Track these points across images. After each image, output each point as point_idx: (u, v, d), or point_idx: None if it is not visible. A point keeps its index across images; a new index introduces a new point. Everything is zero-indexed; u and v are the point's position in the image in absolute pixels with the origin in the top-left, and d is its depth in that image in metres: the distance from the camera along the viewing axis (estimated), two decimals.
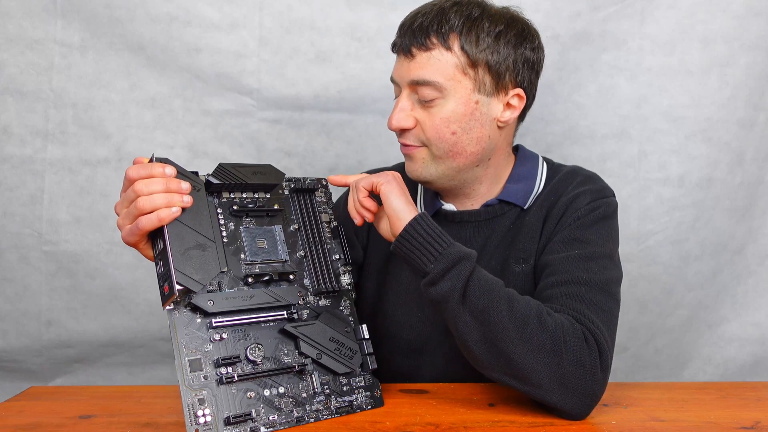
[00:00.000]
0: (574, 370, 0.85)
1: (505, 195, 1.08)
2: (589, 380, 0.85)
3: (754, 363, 1.65)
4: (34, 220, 1.51)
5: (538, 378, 0.85)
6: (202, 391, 0.80)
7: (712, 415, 0.89)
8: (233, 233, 0.89)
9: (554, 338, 0.85)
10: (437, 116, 0.99)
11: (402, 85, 1.01)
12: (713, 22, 1.52)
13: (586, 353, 0.86)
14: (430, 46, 0.98)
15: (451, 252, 0.88)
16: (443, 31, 0.97)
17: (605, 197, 1.05)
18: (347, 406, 0.89)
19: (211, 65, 1.50)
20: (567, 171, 1.11)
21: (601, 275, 0.96)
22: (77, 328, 1.55)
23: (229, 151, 1.54)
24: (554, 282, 0.96)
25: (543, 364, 0.84)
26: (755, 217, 1.61)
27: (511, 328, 0.85)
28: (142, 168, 0.82)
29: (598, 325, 0.89)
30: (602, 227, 1.02)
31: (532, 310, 0.87)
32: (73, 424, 0.88)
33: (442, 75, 0.98)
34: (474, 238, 1.09)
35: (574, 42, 1.53)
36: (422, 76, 0.98)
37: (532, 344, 0.84)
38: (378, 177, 0.94)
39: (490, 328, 0.85)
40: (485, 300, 0.86)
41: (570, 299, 0.92)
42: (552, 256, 1.00)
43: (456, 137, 1.00)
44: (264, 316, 0.87)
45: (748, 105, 1.54)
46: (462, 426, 0.83)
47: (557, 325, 0.86)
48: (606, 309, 0.93)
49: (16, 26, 1.46)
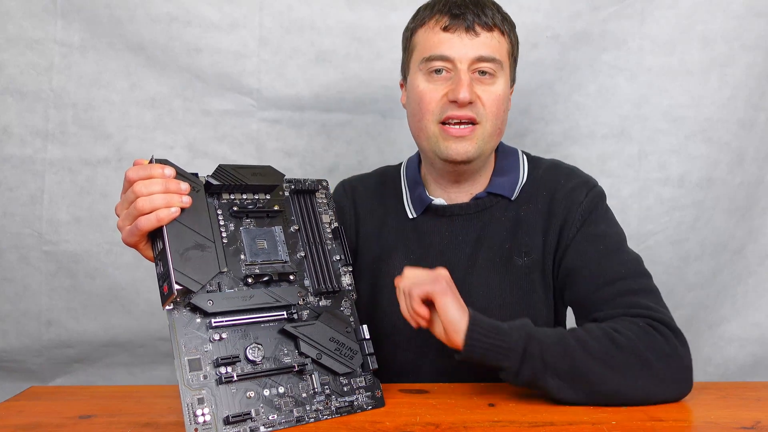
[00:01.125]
0: (664, 365, 0.90)
1: (493, 188, 1.13)
2: (678, 363, 0.91)
3: (754, 363, 1.64)
4: (34, 220, 1.51)
5: (641, 393, 0.90)
6: (202, 391, 0.80)
7: (712, 415, 0.89)
8: (233, 234, 0.89)
9: (634, 351, 0.90)
10: (495, 92, 1.06)
11: (461, 61, 1.04)
12: (713, 22, 1.52)
13: (663, 343, 0.91)
14: (492, 27, 1.05)
15: (515, 339, 0.88)
16: (498, 18, 1.06)
17: (594, 186, 1.12)
18: (348, 406, 0.89)
19: (211, 65, 1.50)
20: (549, 164, 1.16)
21: (631, 262, 1.03)
22: (77, 328, 1.55)
23: (229, 151, 1.54)
24: (599, 284, 1.02)
25: (638, 378, 0.89)
26: (755, 217, 1.61)
27: (598, 369, 0.88)
28: (141, 169, 0.83)
29: (653, 307, 0.96)
30: (607, 215, 1.10)
31: (602, 339, 0.91)
32: (73, 424, 0.88)
33: (501, 55, 1.06)
34: (466, 230, 1.12)
35: (574, 42, 1.53)
36: (489, 53, 1.04)
37: (621, 371, 0.89)
38: (432, 286, 0.90)
39: (582, 379, 0.89)
40: (567, 360, 0.88)
41: (621, 297, 0.99)
42: (582, 259, 1.05)
43: (504, 116, 1.09)
44: (264, 317, 0.87)
45: (748, 105, 1.54)
46: (462, 426, 0.83)
47: (629, 337, 0.91)
48: (651, 289, 1.01)
49: (16, 26, 1.46)
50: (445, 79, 1.05)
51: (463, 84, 1.02)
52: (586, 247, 1.05)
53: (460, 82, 1.02)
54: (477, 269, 1.10)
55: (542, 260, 1.09)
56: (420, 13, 1.10)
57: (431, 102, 1.06)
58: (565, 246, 1.07)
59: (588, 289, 1.03)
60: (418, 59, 1.08)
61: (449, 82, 1.05)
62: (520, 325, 0.91)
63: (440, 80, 1.06)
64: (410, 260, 1.13)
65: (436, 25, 1.06)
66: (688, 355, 0.94)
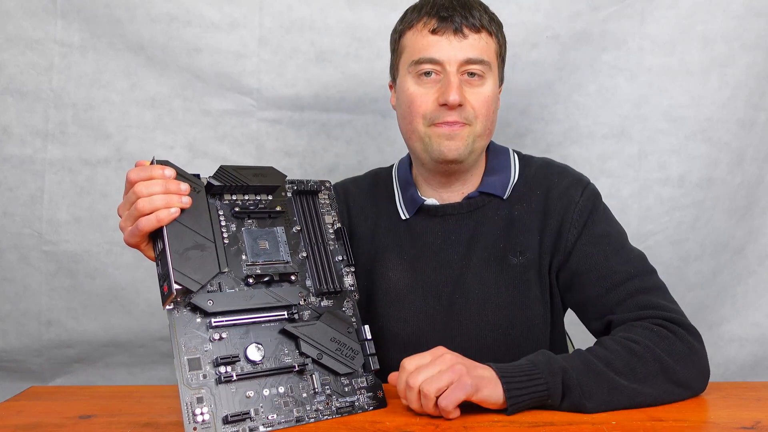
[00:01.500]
0: (684, 366, 0.92)
1: (485, 187, 1.13)
2: (697, 361, 0.94)
3: (754, 363, 1.65)
4: (34, 220, 1.51)
5: (668, 397, 0.91)
6: (201, 390, 0.80)
7: (712, 415, 0.89)
8: (234, 234, 0.89)
9: (656, 359, 0.91)
10: (484, 94, 1.06)
11: (449, 64, 1.04)
12: (713, 22, 1.52)
13: (680, 344, 0.93)
14: (480, 28, 1.05)
15: (553, 385, 0.86)
16: (485, 19, 1.06)
17: (588, 184, 1.12)
18: (349, 406, 0.89)
19: (211, 65, 1.50)
20: (541, 163, 1.16)
21: (636, 260, 1.05)
22: (77, 328, 1.55)
23: (229, 151, 1.54)
24: (608, 287, 1.03)
25: (664, 384, 0.91)
26: (755, 217, 1.61)
27: (629, 385, 0.89)
28: (142, 170, 0.84)
29: (664, 305, 0.98)
30: (606, 214, 1.11)
31: (622, 353, 0.91)
32: (73, 424, 0.88)
33: (489, 56, 1.06)
34: (459, 229, 1.12)
35: (574, 42, 1.53)
36: (478, 54, 1.04)
37: (648, 382, 0.90)
38: (461, 390, 0.83)
39: (616, 400, 0.88)
40: (602, 386, 0.88)
41: (631, 298, 1.00)
42: (587, 262, 1.05)
43: (494, 116, 1.09)
44: (264, 317, 0.87)
45: (748, 105, 1.54)
46: (462, 426, 0.83)
47: (647, 346, 0.92)
48: (659, 285, 1.03)
49: (16, 26, 1.46)
50: (435, 81, 1.05)
51: (452, 87, 1.02)
52: (590, 249, 1.06)
53: (450, 85, 1.03)
54: (471, 268, 1.10)
55: (538, 259, 1.09)
56: (407, 15, 1.10)
57: (422, 105, 1.06)
58: (567, 249, 1.07)
59: (597, 292, 1.03)
60: (407, 62, 1.08)
61: (439, 85, 1.05)
62: (545, 360, 0.88)
63: (430, 83, 1.06)
64: (404, 261, 1.13)
65: (424, 27, 1.05)
66: (703, 349, 0.96)
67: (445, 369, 0.84)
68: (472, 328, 1.09)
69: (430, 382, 0.83)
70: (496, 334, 1.08)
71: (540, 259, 1.09)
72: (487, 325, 1.09)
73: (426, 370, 0.85)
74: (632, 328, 0.96)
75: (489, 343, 1.02)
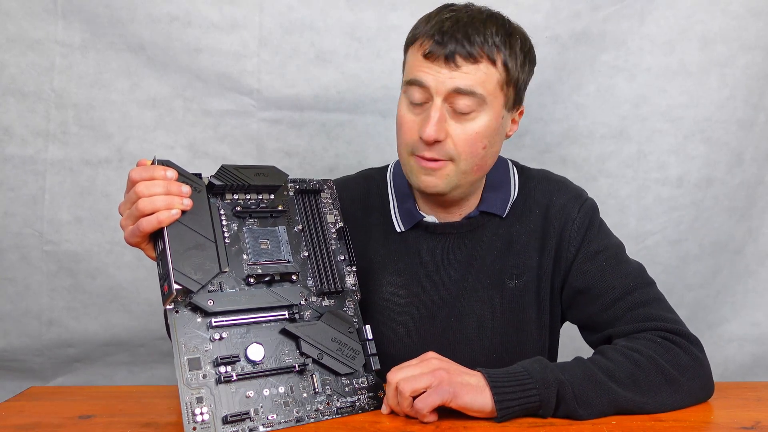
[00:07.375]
0: (688, 377, 0.91)
1: (485, 206, 1.09)
2: (701, 371, 0.93)
3: (753, 363, 1.65)
4: (36, 220, 1.51)
5: (672, 407, 0.90)
6: (201, 390, 0.80)
7: (712, 415, 0.89)
8: (236, 234, 0.89)
9: (659, 370, 0.90)
10: (472, 130, 0.97)
11: (437, 93, 0.96)
12: (712, 22, 1.52)
13: (683, 355, 0.93)
14: (478, 58, 0.95)
15: (543, 385, 0.85)
16: (489, 44, 0.95)
17: (586, 199, 1.11)
18: (349, 406, 0.89)
19: (212, 65, 1.50)
20: (540, 178, 1.13)
21: (635, 272, 1.04)
22: (78, 327, 1.55)
23: (229, 151, 1.54)
24: (609, 301, 1.02)
25: (668, 395, 0.90)
26: (755, 217, 1.61)
27: (630, 395, 0.88)
28: (144, 170, 0.84)
29: (665, 317, 0.98)
30: (603, 229, 1.10)
31: (626, 364, 0.90)
32: (73, 424, 0.88)
33: (485, 88, 0.96)
34: (457, 249, 1.10)
35: (573, 42, 1.53)
36: (469, 86, 0.95)
37: (651, 393, 0.89)
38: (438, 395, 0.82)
39: (614, 408, 0.87)
40: (600, 394, 0.87)
41: (631, 311, 1.00)
42: (585, 279, 1.05)
43: (485, 152, 1.00)
44: (265, 316, 0.88)
45: (747, 105, 1.54)
46: (462, 426, 0.83)
47: (650, 356, 0.91)
48: (658, 297, 1.03)
49: (16, 26, 1.46)
50: (424, 110, 0.98)
51: (430, 121, 0.95)
52: (587, 267, 1.05)
53: (428, 119, 0.95)
54: (468, 291, 1.08)
55: (537, 282, 1.08)
56: (417, 26, 1.02)
57: (407, 133, 1.00)
58: (565, 267, 1.07)
59: (598, 309, 1.03)
60: (404, 78, 1.03)
61: (425, 114, 0.98)
62: (540, 369, 0.87)
63: (419, 111, 0.99)
64: (399, 278, 1.10)
65: (420, 48, 0.98)
66: (706, 359, 0.95)
67: (427, 372, 0.85)
68: (466, 351, 1.07)
69: (408, 381, 0.84)
70: (490, 359, 1.07)
71: (539, 282, 1.08)
72: (482, 349, 1.08)
73: (408, 370, 0.86)
74: (635, 339, 0.95)
75: (482, 365, 0.98)
